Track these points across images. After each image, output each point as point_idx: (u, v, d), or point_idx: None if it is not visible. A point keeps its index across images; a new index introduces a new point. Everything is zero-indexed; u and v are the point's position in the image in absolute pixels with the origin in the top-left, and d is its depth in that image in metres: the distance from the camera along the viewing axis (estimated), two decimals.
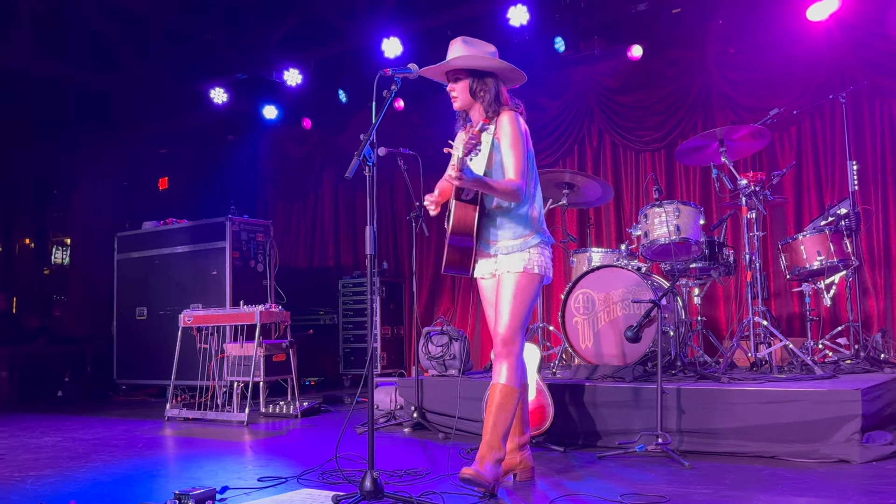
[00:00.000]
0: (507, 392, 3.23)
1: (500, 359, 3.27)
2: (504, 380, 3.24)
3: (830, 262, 5.08)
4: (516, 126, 3.29)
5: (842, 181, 6.38)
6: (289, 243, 9.84)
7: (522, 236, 3.33)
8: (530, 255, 3.30)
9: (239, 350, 6.08)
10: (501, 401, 3.22)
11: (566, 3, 7.14)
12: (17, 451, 4.67)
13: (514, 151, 3.26)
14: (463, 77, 3.35)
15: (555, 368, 5.40)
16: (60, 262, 11.27)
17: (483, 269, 3.46)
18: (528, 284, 3.29)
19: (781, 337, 4.80)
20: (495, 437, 3.18)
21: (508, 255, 3.32)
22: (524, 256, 3.30)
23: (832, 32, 6.51)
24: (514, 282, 3.28)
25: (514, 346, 3.27)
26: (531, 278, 3.29)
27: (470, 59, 3.33)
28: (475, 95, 3.36)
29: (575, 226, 7.73)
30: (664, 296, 4.42)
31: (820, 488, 3.23)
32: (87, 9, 7.21)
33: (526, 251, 3.30)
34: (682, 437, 4.07)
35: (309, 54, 8.31)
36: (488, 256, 3.40)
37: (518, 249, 3.31)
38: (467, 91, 3.36)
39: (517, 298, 3.27)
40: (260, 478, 3.64)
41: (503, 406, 3.22)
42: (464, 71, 3.35)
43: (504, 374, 3.25)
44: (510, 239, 3.33)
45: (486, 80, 3.35)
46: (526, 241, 3.32)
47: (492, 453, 3.15)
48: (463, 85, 3.36)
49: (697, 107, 7.31)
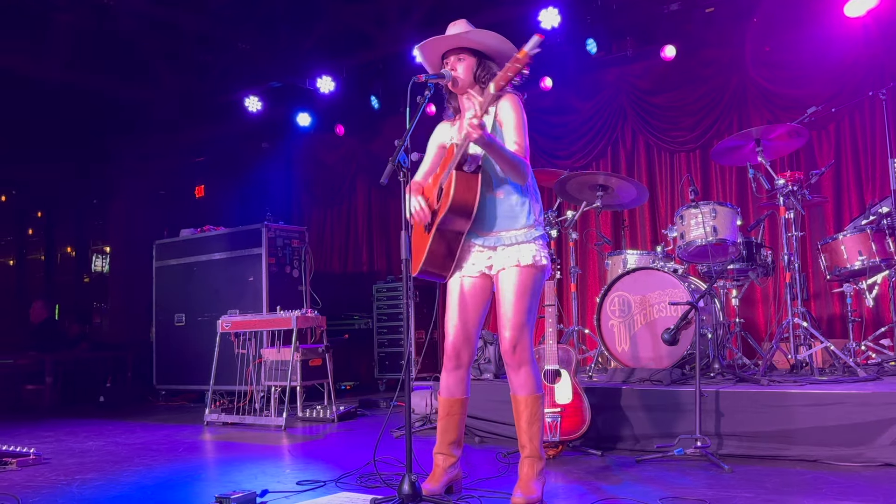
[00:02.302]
0: (534, 402, 3.11)
1: (517, 366, 3.08)
2: (527, 391, 3.10)
3: (872, 261, 4.99)
4: (520, 110, 3.12)
5: (883, 179, 6.26)
6: (323, 249, 9.92)
7: (528, 226, 3.09)
8: (537, 246, 3.08)
9: (276, 355, 6.14)
10: (532, 413, 3.10)
11: (598, 5, 7.11)
12: (63, 455, 4.76)
13: (519, 133, 3.06)
14: (466, 57, 3.16)
15: (591, 372, 5.37)
16: (100, 270, 11.50)
17: (471, 266, 3.17)
18: (539, 278, 3.10)
19: (822, 338, 4.72)
20: (534, 450, 3.11)
21: (513, 247, 3.07)
22: (532, 248, 3.06)
23: (870, 29, 6.41)
24: (523, 276, 3.04)
25: (528, 350, 3.08)
26: (541, 271, 3.09)
27: (481, 35, 3.14)
28: (477, 79, 3.15)
29: (609, 228, 7.70)
30: (702, 297, 4.38)
31: (865, 493, 3.16)
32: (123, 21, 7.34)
33: (533, 242, 3.08)
34: (721, 440, 4.02)
35: (341, 62, 8.38)
36: (481, 249, 3.14)
37: (525, 240, 3.07)
38: (471, 72, 3.15)
39: (527, 295, 3.05)
40: (299, 481, 3.67)
41: (534, 416, 3.10)
42: (468, 50, 3.16)
43: (525, 383, 3.10)
44: (515, 228, 3.08)
45: (489, 64, 3.16)
46: (530, 232, 3.09)
47: (534, 468, 3.10)
48: (467, 65, 3.15)
49: (733, 106, 7.23)
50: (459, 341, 3.18)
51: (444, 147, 3.35)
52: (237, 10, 7.62)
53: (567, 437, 4.11)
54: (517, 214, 3.10)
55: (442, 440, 3.26)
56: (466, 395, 3.27)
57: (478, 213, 3.04)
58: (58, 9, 7.19)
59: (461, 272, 3.19)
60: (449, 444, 3.25)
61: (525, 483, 3.07)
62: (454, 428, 3.25)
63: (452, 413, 3.25)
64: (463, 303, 3.18)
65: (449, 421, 3.25)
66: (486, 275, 3.17)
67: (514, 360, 3.08)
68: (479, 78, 3.16)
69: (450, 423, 3.25)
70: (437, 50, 3.23)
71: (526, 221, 3.10)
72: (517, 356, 3.07)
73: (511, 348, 3.07)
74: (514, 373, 3.12)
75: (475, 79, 3.16)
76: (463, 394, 3.25)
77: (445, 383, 3.25)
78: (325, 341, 6.35)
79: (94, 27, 7.46)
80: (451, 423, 3.25)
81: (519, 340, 3.06)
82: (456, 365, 3.21)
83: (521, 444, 3.15)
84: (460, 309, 3.18)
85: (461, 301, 3.18)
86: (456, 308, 3.18)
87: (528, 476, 3.09)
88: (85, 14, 7.28)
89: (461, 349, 3.19)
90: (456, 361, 3.21)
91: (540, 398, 3.14)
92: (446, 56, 3.21)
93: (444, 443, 3.25)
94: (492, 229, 3.10)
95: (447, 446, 3.25)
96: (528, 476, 3.09)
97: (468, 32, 3.15)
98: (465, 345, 3.19)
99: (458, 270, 3.20)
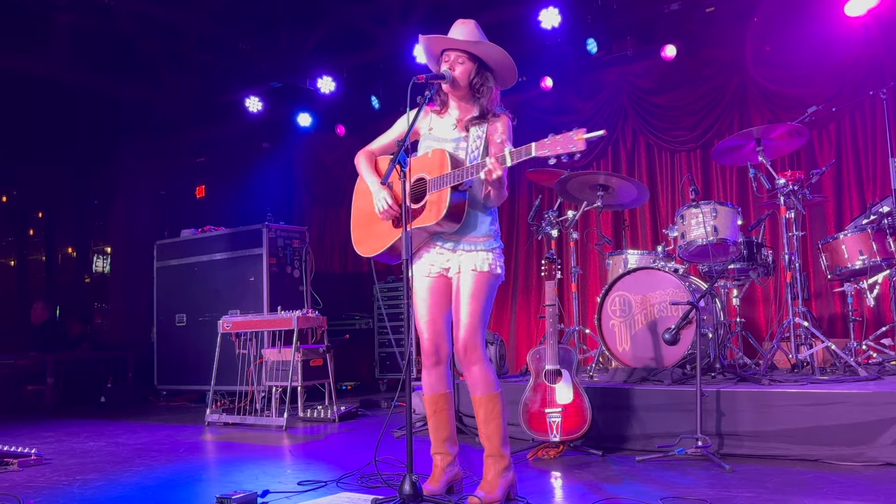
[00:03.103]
0: (488, 401, 3.14)
1: (469, 365, 3.14)
2: (481, 391, 3.15)
3: (873, 261, 4.98)
4: (510, 133, 3.20)
5: (883, 179, 6.26)
6: (324, 249, 9.92)
7: (488, 236, 3.19)
8: (495, 255, 3.19)
9: (277, 355, 6.14)
10: (487, 411, 3.14)
11: (598, 5, 7.10)
12: (64, 455, 4.77)
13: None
14: (466, 61, 3.17)
15: (592, 372, 5.37)
16: (101, 271, 11.50)
17: (429, 266, 3.25)
18: (494, 284, 3.18)
19: (823, 338, 4.72)
20: (493, 448, 3.13)
21: (472, 253, 3.15)
22: (488, 257, 3.16)
23: (870, 28, 6.40)
24: (480, 281, 3.13)
25: (479, 349, 3.14)
26: (496, 278, 3.19)
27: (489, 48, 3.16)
28: (473, 88, 3.20)
29: (610, 228, 7.69)
30: (702, 297, 4.38)
31: (866, 492, 3.16)
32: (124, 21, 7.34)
33: (490, 252, 3.18)
34: (722, 440, 4.02)
35: (342, 62, 8.38)
36: (441, 251, 3.22)
37: (484, 248, 3.17)
38: (467, 76, 3.18)
39: (482, 298, 3.14)
40: (300, 482, 3.67)
41: (490, 415, 3.13)
42: (469, 54, 3.17)
43: (478, 382, 3.15)
44: (479, 236, 3.18)
45: (486, 75, 3.20)
46: (490, 242, 3.19)
47: (495, 467, 3.12)
48: (465, 69, 3.17)
49: (733, 106, 7.23)
50: (435, 337, 3.25)
51: (417, 132, 3.35)
52: (237, 11, 7.63)
53: (568, 437, 4.11)
54: (480, 224, 3.19)
55: (436, 439, 3.28)
56: (450, 390, 3.31)
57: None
58: (59, 9, 7.21)
59: (419, 269, 3.27)
60: (443, 441, 3.26)
61: (486, 482, 3.10)
62: (444, 424, 3.27)
63: (439, 409, 3.27)
64: (429, 302, 3.26)
65: (438, 418, 3.28)
66: (444, 276, 3.24)
67: (467, 359, 3.14)
68: (473, 84, 3.21)
69: (439, 420, 3.27)
70: (439, 47, 3.26)
71: (487, 232, 3.20)
72: (469, 356, 3.13)
73: (463, 348, 3.13)
74: (467, 372, 3.18)
75: (470, 84, 3.21)
76: (446, 388, 3.29)
77: (427, 381, 3.29)
78: (326, 341, 6.35)
79: (95, 27, 7.48)
80: (441, 420, 3.27)
81: (471, 341, 3.12)
82: (435, 361, 3.27)
83: (482, 443, 3.18)
84: (429, 308, 3.26)
85: (428, 301, 3.26)
86: (425, 307, 3.26)
87: (487, 475, 3.12)
88: (86, 14, 7.29)
89: (438, 344, 3.26)
90: (435, 358, 3.26)
91: (495, 397, 3.16)
92: (446, 54, 3.22)
93: (439, 441, 3.27)
94: (456, 234, 3.18)
95: (442, 444, 3.26)
96: (488, 475, 3.11)
97: (478, 43, 3.17)
98: (440, 340, 3.26)
99: (417, 261, 3.28)
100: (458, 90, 3.23)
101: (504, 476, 3.12)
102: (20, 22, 7.34)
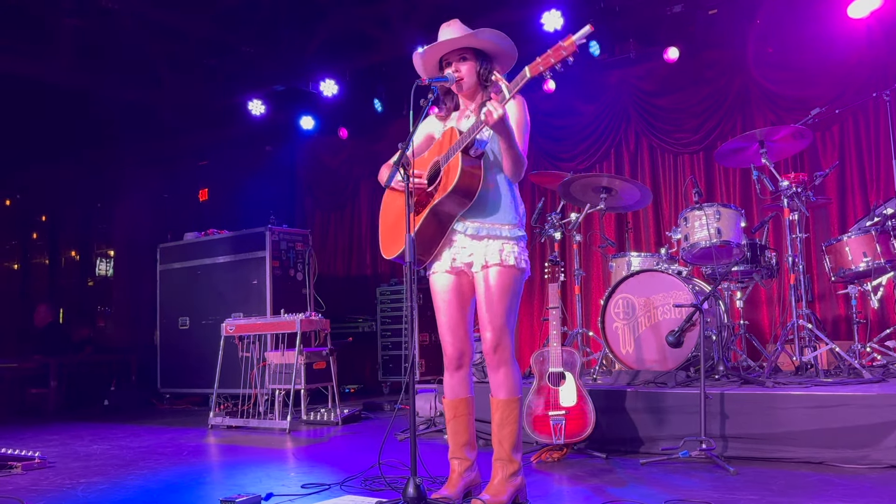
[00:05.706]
0: (507, 404, 3.10)
1: (497, 367, 3.07)
2: (504, 393, 3.10)
3: (877, 263, 4.98)
4: (525, 111, 3.12)
5: (887, 180, 6.25)
6: (327, 252, 9.93)
7: (513, 224, 3.08)
8: (520, 248, 3.07)
9: (280, 358, 6.14)
10: (504, 415, 3.10)
11: (600, 7, 7.10)
12: (68, 458, 4.77)
13: (520, 134, 3.04)
14: (469, 58, 3.12)
15: (595, 374, 5.36)
16: (104, 274, 11.52)
17: (450, 260, 3.14)
18: (520, 279, 3.09)
19: (827, 340, 4.71)
20: (504, 452, 3.10)
21: (497, 242, 3.03)
22: (514, 249, 3.05)
23: (873, 30, 6.40)
24: (506, 277, 3.03)
25: (508, 350, 3.06)
26: (522, 273, 3.09)
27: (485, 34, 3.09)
28: (480, 78, 3.13)
29: (613, 230, 7.69)
30: (706, 299, 4.37)
31: (871, 495, 3.15)
32: (127, 24, 7.36)
33: (516, 243, 3.06)
34: (726, 442, 4.02)
35: (344, 65, 8.38)
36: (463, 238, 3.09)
37: (510, 237, 3.06)
38: (474, 71, 3.12)
39: (509, 296, 3.04)
40: (303, 485, 3.67)
41: (506, 419, 3.09)
42: (470, 50, 3.13)
43: (503, 384, 3.09)
44: (501, 222, 3.06)
45: (490, 64, 3.14)
46: (515, 230, 3.08)
47: (504, 471, 3.09)
48: (470, 65, 3.12)
49: (736, 108, 7.23)
50: (458, 342, 3.19)
51: (432, 137, 3.31)
52: (240, 14, 7.63)
53: (572, 440, 4.11)
54: (506, 207, 3.08)
55: (454, 443, 3.23)
56: (470, 395, 3.25)
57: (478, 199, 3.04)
58: (62, 12, 7.21)
59: (440, 265, 3.17)
60: (462, 446, 3.21)
61: (492, 486, 3.08)
62: (463, 429, 3.22)
63: (459, 414, 3.22)
64: (451, 304, 3.18)
65: (457, 423, 3.22)
66: (464, 272, 3.16)
67: (495, 360, 3.08)
68: (482, 77, 3.15)
69: (458, 424, 3.22)
70: (437, 54, 3.20)
71: (512, 218, 3.09)
72: (497, 356, 3.07)
73: (492, 349, 3.07)
74: (493, 372, 3.11)
75: (479, 77, 3.15)
76: (467, 393, 3.24)
77: (449, 384, 3.25)
78: (329, 344, 6.35)
79: (99, 31, 7.48)
80: (460, 425, 3.22)
81: (500, 341, 3.05)
82: (458, 365, 3.21)
83: (493, 446, 3.15)
84: (450, 312, 3.18)
85: (448, 302, 3.18)
86: (445, 310, 3.19)
87: (495, 479, 3.09)
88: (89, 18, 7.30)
89: (462, 350, 3.20)
90: (458, 362, 3.21)
91: (515, 401, 3.12)
92: (446, 58, 3.18)
93: (457, 446, 3.22)
94: (478, 217, 3.07)
95: (460, 449, 3.21)
96: (496, 479, 3.09)
97: (475, 34, 3.10)
98: (464, 346, 3.20)
99: (437, 261, 3.18)
100: (468, 89, 3.17)
101: (512, 481, 3.09)
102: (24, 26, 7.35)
